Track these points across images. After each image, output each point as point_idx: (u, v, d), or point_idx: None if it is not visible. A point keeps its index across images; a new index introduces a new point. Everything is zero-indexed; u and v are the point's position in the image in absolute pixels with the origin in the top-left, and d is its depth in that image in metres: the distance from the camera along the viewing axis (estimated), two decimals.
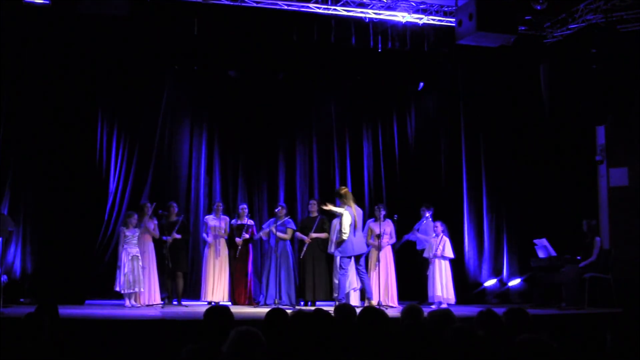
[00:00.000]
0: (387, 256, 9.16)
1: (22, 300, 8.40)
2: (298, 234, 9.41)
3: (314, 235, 9.28)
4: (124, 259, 8.64)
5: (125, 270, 8.59)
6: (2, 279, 7.86)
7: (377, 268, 8.91)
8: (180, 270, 9.28)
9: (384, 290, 9.00)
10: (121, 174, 9.75)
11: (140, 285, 8.69)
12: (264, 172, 10.49)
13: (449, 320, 3.74)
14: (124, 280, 8.60)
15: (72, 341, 5.16)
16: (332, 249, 8.98)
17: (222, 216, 9.46)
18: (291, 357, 3.22)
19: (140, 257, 8.74)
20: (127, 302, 8.62)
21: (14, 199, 8.82)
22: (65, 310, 6.62)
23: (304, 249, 9.26)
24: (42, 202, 8.94)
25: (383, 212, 9.01)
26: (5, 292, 7.78)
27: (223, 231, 9.36)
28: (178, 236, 9.15)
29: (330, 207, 8.69)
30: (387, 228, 9.12)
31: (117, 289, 8.65)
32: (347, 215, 8.53)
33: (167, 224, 9.17)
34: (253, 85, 10.40)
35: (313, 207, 9.43)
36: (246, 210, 9.49)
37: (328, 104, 10.89)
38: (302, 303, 9.24)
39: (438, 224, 9.26)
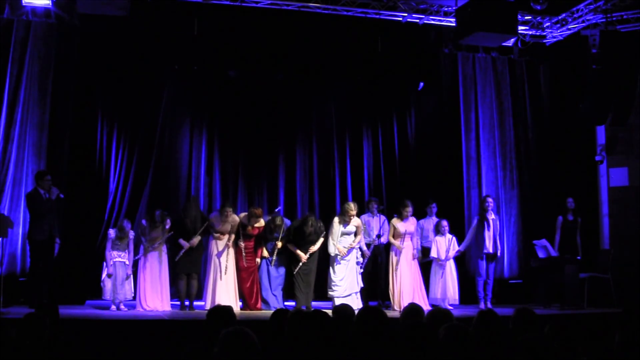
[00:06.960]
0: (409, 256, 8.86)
1: (22, 300, 8.39)
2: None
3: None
4: (109, 262, 8.07)
5: (106, 276, 8.07)
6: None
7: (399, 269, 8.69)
8: (194, 272, 8.46)
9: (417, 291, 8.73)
10: (121, 174, 9.72)
11: (124, 294, 8.09)
12: (264, 172, 10.46)
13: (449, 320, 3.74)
14: (109, 287, 8.07)
15: (72, 341, 5.16)
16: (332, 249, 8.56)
17: (229, 219, 8.45)
18: (289, 357, 3.22)
19: (126, 265, 8.14)
20: (113, 306, 8.04)
21: (13, 199, 8.81)
22: (65, 310, 6.62)
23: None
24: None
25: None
26: (5, 292, 7.77)
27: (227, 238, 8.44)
28: (198, 239, 8.37)
29: None
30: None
31: (105, 296, 8.16)
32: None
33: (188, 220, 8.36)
34: (253, 85, 10.38)
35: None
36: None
37: (328, 104, 10.86)
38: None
39: (445, 222, 9.19)
